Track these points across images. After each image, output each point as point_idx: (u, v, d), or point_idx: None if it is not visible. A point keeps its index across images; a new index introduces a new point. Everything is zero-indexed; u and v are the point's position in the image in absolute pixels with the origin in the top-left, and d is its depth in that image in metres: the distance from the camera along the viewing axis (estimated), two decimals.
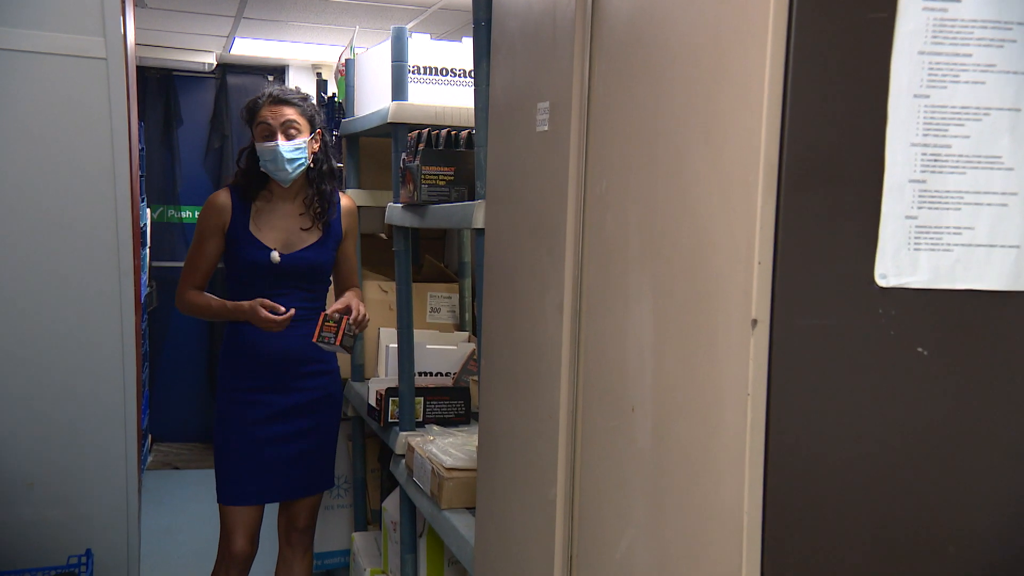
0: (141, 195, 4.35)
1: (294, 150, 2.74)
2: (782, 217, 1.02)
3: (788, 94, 1.00)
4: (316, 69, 5.66)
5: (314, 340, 2.76)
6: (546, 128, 1.57)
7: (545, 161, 1.59)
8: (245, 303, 2.73)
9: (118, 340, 2.86)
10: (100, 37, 2.73)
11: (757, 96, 1.01)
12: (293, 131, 2.75)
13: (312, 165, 2.83)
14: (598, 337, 1.41)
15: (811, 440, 1.04)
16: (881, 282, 1.04)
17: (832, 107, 1.01)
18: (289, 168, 2.74)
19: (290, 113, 2.77)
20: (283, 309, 2.72)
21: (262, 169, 2.78)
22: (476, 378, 3.17)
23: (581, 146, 1.47)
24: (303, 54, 5.41)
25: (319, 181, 2.84)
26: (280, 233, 2.81)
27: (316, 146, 2.83)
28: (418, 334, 3.24)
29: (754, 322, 1.02)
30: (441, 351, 3.33)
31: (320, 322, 2.76)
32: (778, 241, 1.02)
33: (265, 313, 2.70)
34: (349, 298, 2.81)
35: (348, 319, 2.76)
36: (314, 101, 2.92)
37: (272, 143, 2.73)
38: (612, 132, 1.38)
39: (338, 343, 2.75)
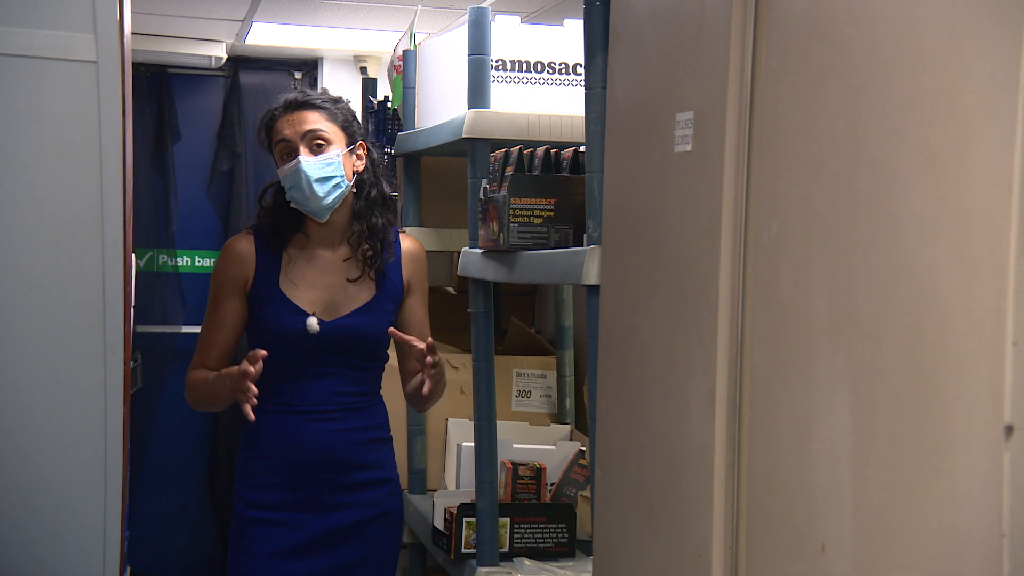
0: None
1: (325, 166, 2.76)
2: None
3: None
4: (360, 63, 5.74)
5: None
6: (689, 148, 1.57)
7: (688, 193, 1.58)
8: (235, 368, 2.65)
9: (100, 438, 2.90)
10: (90, 34, 2.81)
11: (1009, 104, 1.00)
12: (320, 142, 2.78)
13: (355, 190, 2.85)
14: (768, 442, 1.39)
15: None
16: None
17: None
18: (320, 192, 2.76)
19: (314, 119, 2.79)
20: (263, 353, 2.60)
21: (291, 204, 2.82)
22: (585, 492, 3.14)
23: (740, 173, 1.47)
24: (342, 42, 5.50)
25: (368, 213, 2.86)
26: (320, 291, 2.83)
27: (360, 164, 2.85)
28: (501, 427, 3.23)
29: (1008, 429, 1.00)
30: (534, 452, 3.30)
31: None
32: None
33: (247, 367, 2.56)
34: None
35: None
36: (350, 104, 2.94)
37: (292, 162, 2.77)
38: (787, 154, 1.37)
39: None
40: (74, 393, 2.92)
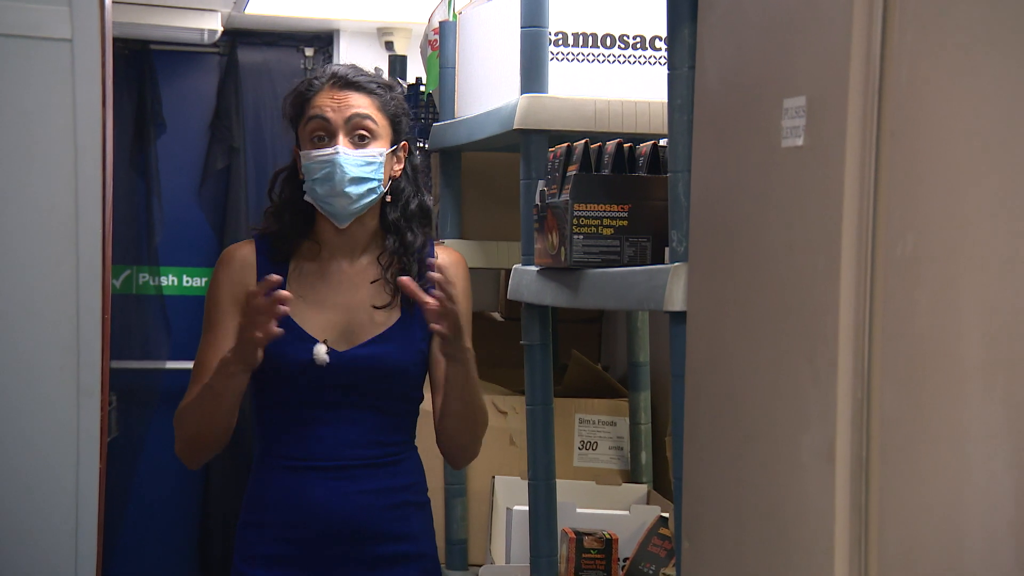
0: None
1: (364, 164, 2.76)
2: None
3: None
4: (385, 37, 5.76)
5: None
6: (799, 142, 1.56)
7: (798, 197, 1.57)
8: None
9: (71, 496, 2.92)
10: (64, 7, 2.83)
11: None
12: (364, 133, 2.78)
13: (389, 198, 2.85)
14: (904, 510, 1.37)
15: None
16: None
17: None
18: (352, 193, 2.75)
19: (363, 105, 2.79)
20: (278, 278, 2.56)
21: (307, 198, 2.82)
22: (668, 570, 3.12)
23: (866, 173, 1.45)
24: (364, 11, 5.53)
25: (403, 227, 2.86)
26: (334, 313, 2.82)
27: (398, 168, 2.86)
28: (562, 487, 3.22)
29: None
30: (602, 518, 3.30)
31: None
32: None
33: (259, 299, 2.53)
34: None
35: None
36: (403, 94, 2.96)
37: (328, 149, 2.77)
38: (925, 149, 1.36)
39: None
40: (41, 444, 2.93)
